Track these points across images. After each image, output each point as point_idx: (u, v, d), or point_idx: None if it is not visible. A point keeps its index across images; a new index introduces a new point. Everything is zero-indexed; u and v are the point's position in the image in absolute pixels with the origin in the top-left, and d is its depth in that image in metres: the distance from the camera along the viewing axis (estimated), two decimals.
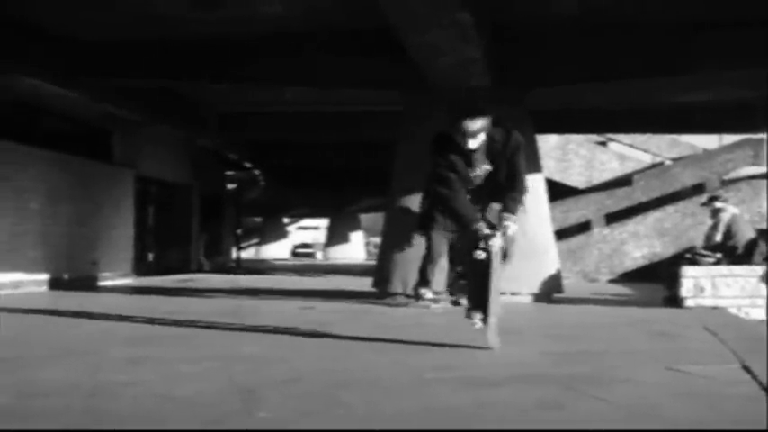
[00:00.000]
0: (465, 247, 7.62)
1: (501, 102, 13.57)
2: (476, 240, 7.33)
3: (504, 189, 7.46)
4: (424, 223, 12.35)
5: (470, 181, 7.39)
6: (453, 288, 12.34)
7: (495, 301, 7.39)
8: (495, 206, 7.49)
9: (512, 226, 7.34)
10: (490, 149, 7.35)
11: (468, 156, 7.31)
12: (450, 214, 7.65)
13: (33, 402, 4.81)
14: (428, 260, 12.19)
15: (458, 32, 11.29)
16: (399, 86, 14.66)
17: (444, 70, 13.13)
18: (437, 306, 11.89)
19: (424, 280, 12.22)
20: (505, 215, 7.36)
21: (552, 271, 14.21)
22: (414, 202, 13.26)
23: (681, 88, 18.05)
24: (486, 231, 7.25)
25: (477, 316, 7.42)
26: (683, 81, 16.57)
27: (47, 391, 5.16)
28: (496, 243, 7.26)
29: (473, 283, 7.63)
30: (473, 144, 7.24)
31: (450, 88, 13.66)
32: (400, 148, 14.77)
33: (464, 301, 11.96)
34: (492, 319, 7.31)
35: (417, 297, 12.23)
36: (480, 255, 7.29)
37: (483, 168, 7.39)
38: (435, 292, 12.28)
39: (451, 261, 12.27)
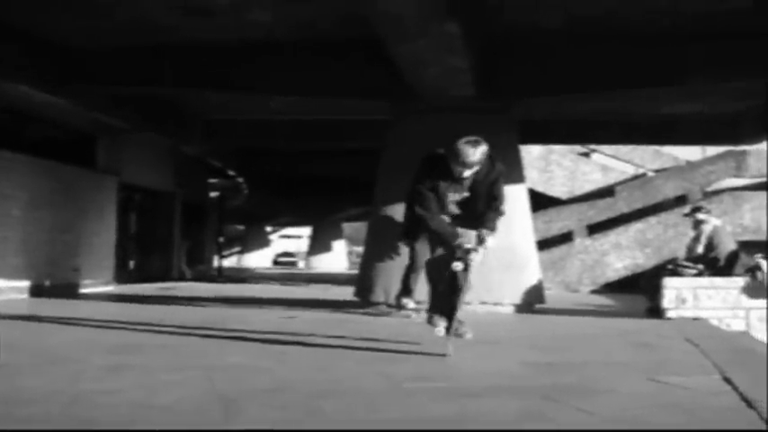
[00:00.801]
0: (442, 259, 7.65)
1: (486, 112, 13.67)
2: (454, 254, 7.41)
3: (481, 214, 7.55)
4: (407, 233, 12.34)
5: (447, 206, 7.47)
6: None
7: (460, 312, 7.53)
8: (471, 233, 7.54)
9: (490, 239, 7.42)
10: (474, 178, 7.43)
11: (455, 182, 7.39)
12: (429, 234, 7.69)
13: (15, 410, 4.79)
14: (411, 270, 12.17)
15: (445, 43, 11.30)
16: (386, 96, 14.66)
17: (431, 80, 13.14)
18: (419, 316, 11.87)
19: (406, 290, 12.21)
20: (484, 231, 7.43)
21: (534, 281, 14.22)
22: (397, 211, 13.24)
23: (667, 100, 18.11)
24: (469, 245, 7.31)
25: (442, 323, 7.50)
26: (670, 93, 16.62)
27: (28, 398, 5.14)
28: (477, 258, 7.34)
29: (442, 292, 7.67)
30: (467, 173, 7.32)
31: (437, 98, 13.71)
32: (385, 157, 14.78)
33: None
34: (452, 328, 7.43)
35: (399, 307, 12.22)
36: (458, 266, 7.34)
37: (462, 195, 7.48)
38: (417, 302, 12.27)
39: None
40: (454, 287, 7.49)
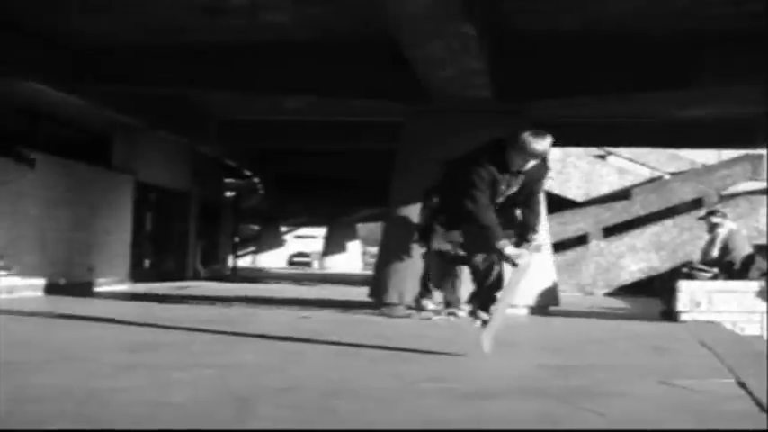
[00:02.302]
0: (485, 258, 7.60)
1: (501, 113, 13.65)
2: (499, 256, 7.37)
3: (523, 217, 7.62)
4: (424, 234, 12.33)
5: (497, 200, 7.38)
6: (451, 299, 12.26)
7: (502, 312, 7.55)
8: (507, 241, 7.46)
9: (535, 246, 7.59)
10: (527, 175, 7.39)
11: (511, 175, 7.32)
12: (476, 227, 7.51)
13: (26, 408, 4.79)
14: (429, 270, 12.17)
15: (461, 45, 11.30)
16: (401, 97, 14.65)
17: (446, 82, 13.13)
18: (439, 318, 11.86)
19: (425, 290, 12.19)
20: (534, 236, 7.56)
21: (549, 283, 14.19)
22: (412, 212, 13.24)
23: (682, 103, 18.06)
24: (511, 250, 7.27)
25: (484, 316, 7.50)
26: (685, 96, 16.57)
27: (40, 396, 5.15)
28: (526, 257, 7.41)
29: (488, 287, 7.67)
30: (529, 165, 7.25)
31: (452, 99, 13.70)
32: (399, 158, 14.77)
33: (461, 313, 12.02)
34: (492, 326, 7.40)
35: (419, 308, 12.20)
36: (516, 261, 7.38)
37: (512, 191, 7.41)
38: (437, 303, 12.25)
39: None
40: (497, 284, 7.53)
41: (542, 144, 7.19)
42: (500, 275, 7.58)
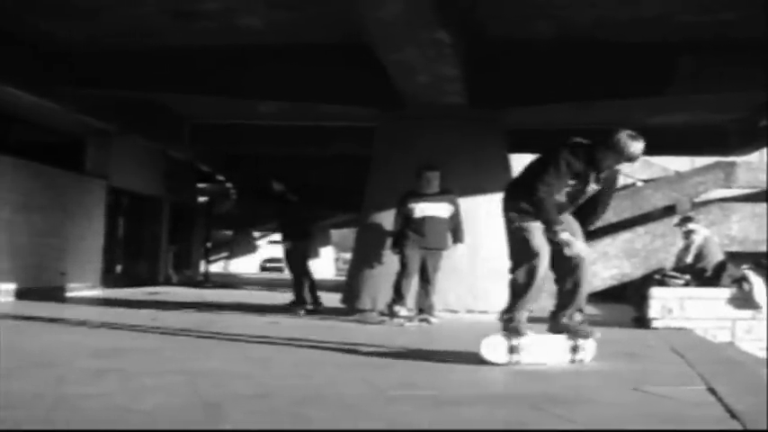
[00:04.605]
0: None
1: (476, 120, 13.67)
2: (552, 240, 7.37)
3: (586, 215, 7.67)
4: (397, 240, 12.31)
5: (573, 196, 7.38)
6: (423, 306, 12.23)
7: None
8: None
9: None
10: (605, 176, 7.39)
11: (596, 175, 7.28)
12: (537, 212, 7.31)
13: None
14: (402, 276, 12.14)
15: (436, 51, 11.31)
16: (376, 103, 14.66)
17: (421, 88, 13.14)
18: (411, 324, 11.83)
19: (398, 297, 12.15)
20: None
21: None
22: (386, 218, 13.23)
23: (656, 110, 18.15)
24: (564, 236, 7.31)
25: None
26: (659, 103, 16.64)
27: (9, 402, 5.10)
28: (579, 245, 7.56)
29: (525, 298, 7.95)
30: (618, 167, 7.31)
31: (427, 106, 13.71)
32: (374, 164, 14.76)
33: (434, 320, 12.02)
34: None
35: (392, 315, 12.15)
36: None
37: (591, 189, 7.39)
38: (409, 309, 12.22)
39: (422, 278, 12.20)
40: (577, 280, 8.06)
41: (639, 146, 7.15)
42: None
